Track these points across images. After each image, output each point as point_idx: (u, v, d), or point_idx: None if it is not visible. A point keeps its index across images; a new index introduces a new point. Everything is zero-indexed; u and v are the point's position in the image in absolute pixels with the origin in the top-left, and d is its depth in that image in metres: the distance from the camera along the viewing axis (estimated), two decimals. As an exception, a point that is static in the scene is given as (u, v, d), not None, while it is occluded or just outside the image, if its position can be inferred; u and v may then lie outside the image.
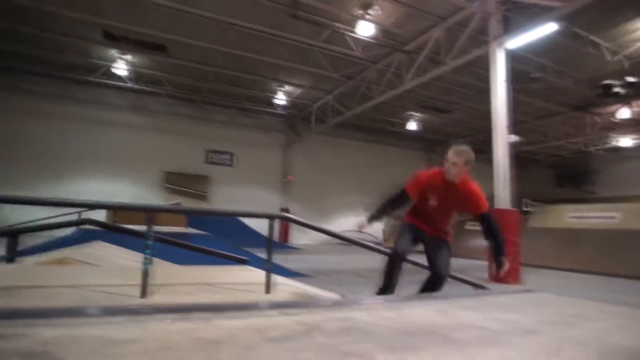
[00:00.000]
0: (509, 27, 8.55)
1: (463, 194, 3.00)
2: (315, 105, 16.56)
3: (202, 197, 16.66)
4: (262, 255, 8.47)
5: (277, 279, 3.30)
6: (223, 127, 17.91)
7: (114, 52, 13.03)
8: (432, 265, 3.10)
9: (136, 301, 2.25)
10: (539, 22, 7.97)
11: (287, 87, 15.07)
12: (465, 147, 3.01)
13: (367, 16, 10.01)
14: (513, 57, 8.80)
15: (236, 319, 1.67)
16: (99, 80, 14.60)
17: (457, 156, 2.95)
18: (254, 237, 13.41)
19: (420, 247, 3.24)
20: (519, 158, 10.63)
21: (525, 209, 14.36)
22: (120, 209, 9.13)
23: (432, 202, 3.10)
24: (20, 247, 4.62)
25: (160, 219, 9.48)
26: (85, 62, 13.74)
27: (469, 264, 10.23)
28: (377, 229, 19.93)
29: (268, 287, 2.93)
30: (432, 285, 3.06)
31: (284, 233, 17.48)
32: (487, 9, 8.76)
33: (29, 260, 4.34)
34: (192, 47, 12.16)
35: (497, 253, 2.98)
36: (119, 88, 15.52)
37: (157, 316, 1.56)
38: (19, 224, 8.68)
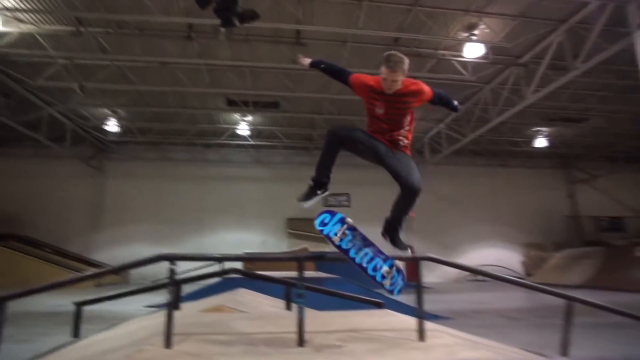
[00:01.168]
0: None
1: (405, 94, 2.79)
2: (426, 137, 16.11)
3: (324, 240, 17.05)
4: (391, 296, 8.11)
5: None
6: (337, 169, 18.17)
7: (236, 116, 14.84)
8: (402, 179, 2.74)
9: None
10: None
11: (400, 121, 15.07)
12: (396, 57, 2.64)
13: (474, 37, 9.59)
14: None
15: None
16: (226, 141, 16.68)
17: (394, 73, 2.63)
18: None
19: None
20: None
21: None
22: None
23: (379, 109, 2.84)
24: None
25: (289, 265, 9.94)
26: (214, 128, 15.99)
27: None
28: (515, 261, 17.81)
29: (422, 334, 2.71)
30: (405, 197, 2.80)
31: (411, 271, 16.71)
32: (622, -4, 7.62)
33: (190, 306, 4.81)
34: (301, 100, 13.17)
35: (449, 105, 3.14)
36: (242, 146, 17.49)
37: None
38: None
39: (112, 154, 17.77)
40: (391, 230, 2.98)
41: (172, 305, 2.25)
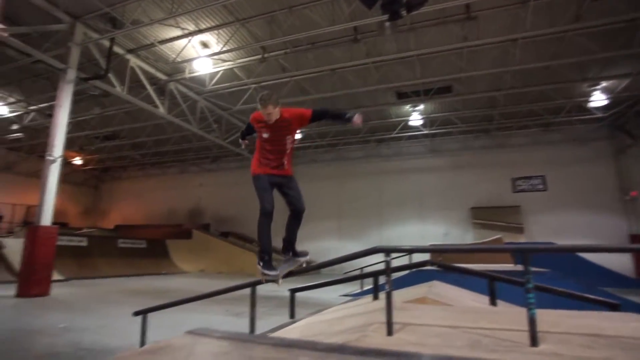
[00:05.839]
0: None
1: (285, 121, 3.33)
2: (630, 109, 12.52)
3: (518, 230, 15.31)
4: (623, 296, 6.57)
5: None
6: (526, 149, 16.32)
7: (407, 108, 14.65)
8: (292, 204, 3.56)
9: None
10: None
11: (604, 83, 12.21)
12: (264, 96, 3.20)
13: None
14: None
15: None
16: (398, 134, 16.68)
17: (266, 109, 3.18)
18: (595, 272, 10.90)
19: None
20: None
21: None
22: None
23: (265, 134, 3.40)
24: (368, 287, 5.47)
25: (482, 257, 9.19)
26: (386, 123, 16.16)
27: None
28: None
29: None
30: (296, 220, 3.62)
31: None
32: None
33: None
34: (476, 78, 12.03)
35: (340, 118, 3.39)
36: (415, 137, 17.23)
37: None
38: (363, 267, 10.55)
39: (296, 159, 20.14)
40: (289, 247, 3.76)
41: (389, 295, 2.27)
